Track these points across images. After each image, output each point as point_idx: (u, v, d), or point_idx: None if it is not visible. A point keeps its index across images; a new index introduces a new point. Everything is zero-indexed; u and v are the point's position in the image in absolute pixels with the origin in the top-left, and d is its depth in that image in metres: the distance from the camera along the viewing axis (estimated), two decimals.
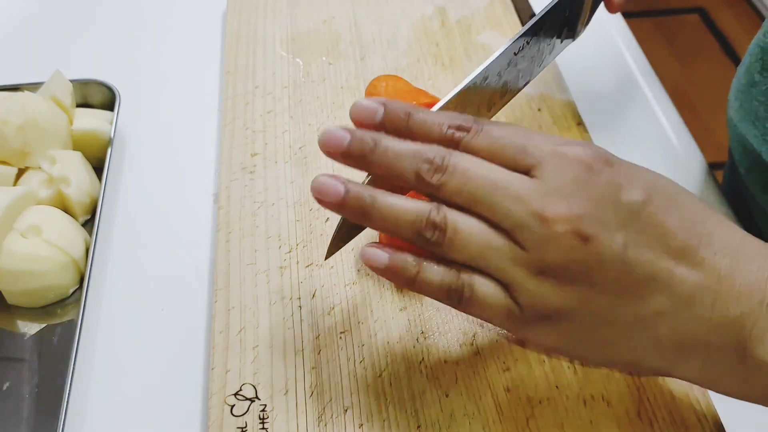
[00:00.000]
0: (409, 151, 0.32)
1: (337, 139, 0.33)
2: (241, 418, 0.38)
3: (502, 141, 0.32)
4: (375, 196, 0.33)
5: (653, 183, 0.32)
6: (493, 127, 0.33)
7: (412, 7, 0.64)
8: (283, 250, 0.45)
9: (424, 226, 0.32)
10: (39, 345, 0.43)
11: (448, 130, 0.33)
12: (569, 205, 0.30)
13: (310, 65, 0.58)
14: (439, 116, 0.34)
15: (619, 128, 0.56)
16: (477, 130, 0.33)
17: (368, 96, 0.52)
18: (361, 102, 0.34)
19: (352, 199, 0.33)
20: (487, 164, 0.32)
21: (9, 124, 0.48)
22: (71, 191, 0.48)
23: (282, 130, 0.53)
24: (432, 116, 0.34)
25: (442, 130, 0.33)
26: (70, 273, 0.45)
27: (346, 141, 0.33)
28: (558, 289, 0.31)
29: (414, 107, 0.34)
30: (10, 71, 0.61)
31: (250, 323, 0.41)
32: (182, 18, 0.67)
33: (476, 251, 0.31)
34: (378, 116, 0.34)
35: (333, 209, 0.34)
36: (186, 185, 0.52)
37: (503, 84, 0.43)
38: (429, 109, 0.35)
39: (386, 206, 0.32)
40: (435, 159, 0.32)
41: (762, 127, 0.46)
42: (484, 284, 0.32)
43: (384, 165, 0.33)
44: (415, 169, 0.32)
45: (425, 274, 0.32)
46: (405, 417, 0.38)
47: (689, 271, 0.31)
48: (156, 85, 0.60)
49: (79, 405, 0.41)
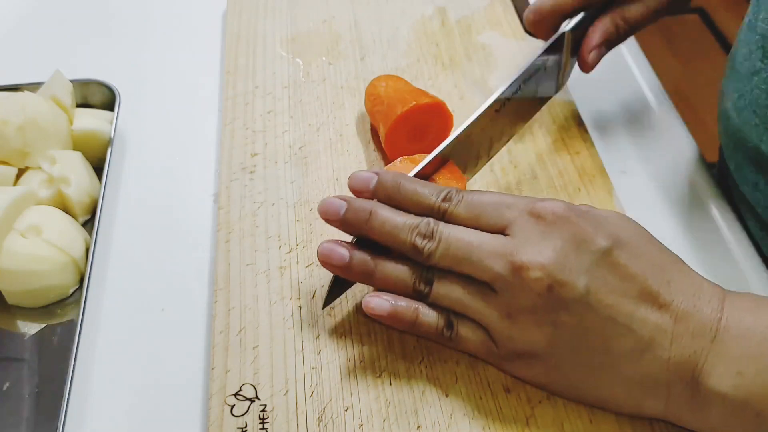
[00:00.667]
0: (404, 224, 0.37)
1: (335, 207, 0.38)
2: (241, 418, 0.38)
3: (480, 207, 0.37)
4: (376, 262, 0.38)
5: (619, 231, 0.35)
6: (473, 195, 0.38)
7: (412, 7, 0.64)
8: (283, 250, 0.45)
9: (418, 284, 0.38)
10: (39, 345, 0.43)
11: (435, 200, 0.38)
12: (538, 253, 0.34)
13: (310, 65, 0.58)
14: (427, 188, 0.39)
15: (619, 128, 0.56)
16: (458, 200, 0.38)
17: (368, 95, 0.52)
18: (357, 173, 0.39)
19: (356, 265, 0.38)
20: (467, 230, 0.37)
21: (9, 124, 0.48)
22: (71, 191, 0.48)
23: (282, 130, 0.53)
24: (420, 188, 0.39)
25: (430, 201, 0.38)
26: (70, 273, 0.45)
27: (342, 210, 0.38)
28: (527, 330, 0.35)
29: (404, 177, 0.39)
30: (10, 71, 0.61)
31: (250, 323, 0.41)
32: (182, 18, 0.67)
33: (457, 299, 0.37)
34: (371, 185, 0.39)
35: (338, 273, 0.39)
36: (186, 185, 0.52)
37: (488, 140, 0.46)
38: (419, 180, 0.40)
39: (386, 270, 0.38)
40: (426, 232, 0.37)
41: (763, 115, 0.46)
42: (467, 326, 0.37)
43: (380, 234, 0.38)
44: (410, 241, 0.37)
45: (422, 319, 0.38)
46: (405, 417, 0.38)
47: (650, 313, 0.34)
48: (156, 85, 0.60)
49: (79, 405, 0.41)
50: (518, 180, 0.50)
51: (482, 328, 0.37)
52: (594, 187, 0.49)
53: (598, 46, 0.48)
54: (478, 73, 0.58)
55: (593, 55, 0.48)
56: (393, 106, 0.48)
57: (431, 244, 0.37)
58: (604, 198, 0.48)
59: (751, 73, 0.45)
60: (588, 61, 0.48)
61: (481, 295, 0.36)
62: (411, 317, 0.38)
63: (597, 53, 0.48)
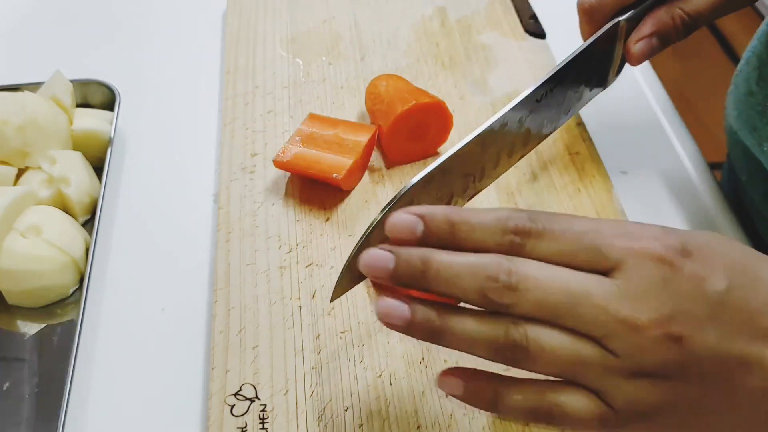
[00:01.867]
0: (467, 268, 0.30)
1: (382, 261, 0.31)
2: (241, 418, 0.38)
3: (572, 244, 0.30)
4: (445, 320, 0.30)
5: (731, 262, 0.31)
6: (555, 224, 0.30)
7: (412, 7, 0.64)
8: (283, 250, 0.45)
9: (503, 345, 0.30)
10: (39, 345, 0.43)
11: (504, 237, 0.30)
12: (657, 308, 0.29)
13: (310, 65, 0.58)
14: (488, 220, 0.30)
15: (619, 128, 0.56)
16: (539, 232, 0.30)
17: (368, 94, 0.52)
18: (397, 217, 0.31)
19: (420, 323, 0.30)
20: (560, 271, 0.30)
21: (9, 124, 0.48)
22: (71, 191, 0.48)
23: (282, 130, 0.53)
24: (481, 221, 0.31)
25: (498, 239, 0.30)
26: (70, 273, 0.45)
27: (391, 264, 0.31)
28: (654, 388, 0.30)
29: (455, 211, 0.31)
30: (10, 71, 0.61)
31: (250, 323, 0.41)
32: (182, 18, 0.67)
33: (565, 366, 0.30)
34: (418, 231, 0.31)
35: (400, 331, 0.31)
36: (186, 185, 0.52)
37: (525, 131, 0.41)
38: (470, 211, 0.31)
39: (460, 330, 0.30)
40: (500, 276, 0.29)
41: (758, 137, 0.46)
42: (574, 398, 0.30)
43: (441, 287, 0.30)
44: (478, 289, 0.29)
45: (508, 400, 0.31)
46: (405, 417, 0.38)
47: None
48: (156, 85, 0.60)
49: (79, 405, 0.41)
50: (518, 180, 0.50)
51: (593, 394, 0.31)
52: (594, 187, 0.49)
53: (647, 36, 0.43)
54: (478, 73, 0.58)
55: (641, 45, 0.43)
56: (393, 105, 0.48)
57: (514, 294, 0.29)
58: (604, 198, 0.48)
59: (747, 95, 0.45)
60: (634, 51, 0.43)
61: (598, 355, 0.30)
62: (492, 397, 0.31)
63: (646, 44, 0.43)
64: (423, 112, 0.48)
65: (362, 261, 0.31)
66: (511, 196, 0.48)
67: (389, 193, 0.49)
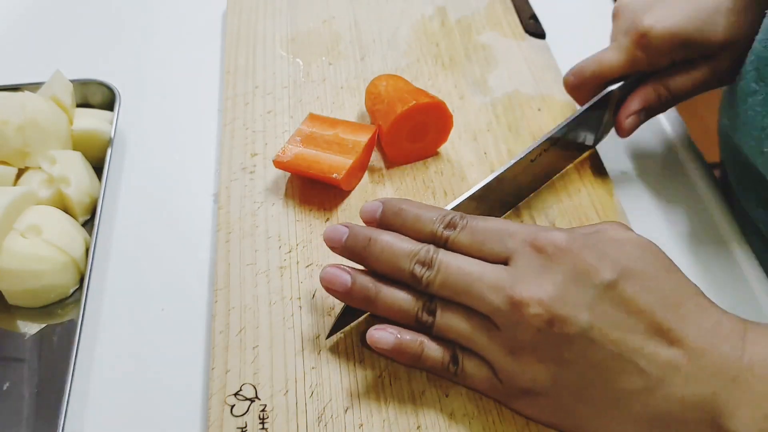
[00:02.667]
0: (404, 251, 0.37)
1: (338, 234, 0.38)
2: (241, 418, 0.38)
3: (482, 235, 0.36)
4: (378, 288, 0.37)
5: (630, 261, 0.33)
6: (477, 222, 0.37)
7: (412, 7, 0.64)
8: (283, 250, 0.45)
9: (419, 316, 0.37)
10: (39, 345, 0.43)
11: (438, 227, 0.37)
12: (537, 288, 0.33)
13: (310, 65, 0.58)
14: (430, 213, 0.38)
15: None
16: (462, 226, 0.37)
17: (368, 94, 0.52)
18: (367, 203, 0.39)
19: (358, 289, 0.37)
20: (468, 259, 0.36)
21: (9, 124, 0.48)
22: (71, 191, 0.48)
23: (282, 130, 0.53)
24: (424, 213, 0.38)
25: (432, 228, 0.37)
26: (70, 273, 0.45)
27: (344, 237, 0.38)
28: (530, 367, 0.34)
29: (407, 202, 0.39)
30: (10, 71, 0.61)
31: (250, 323, 0.41)
32: (182, 18, 0.67)
33: (461, 332, 0.36)
34: (378, 213, 0.39)
35: (340, 298, 0.39)
36: (186, 185, 0.52)
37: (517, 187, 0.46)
38: (420, 204, 0.39)
39: (389, 297, 0.37)
40: (424, 259, 0.36)
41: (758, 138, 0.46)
42: (472, 362, 0.37)
43: (379, 262, 0.37)
44: (409, 269, 0.36)
45: (427, 353, 0.37)
46: (405, 417, 0.38)
47: (661, 349, 0.32)
48: (156, 85, 0.60)
49: (79, 405, 0.41)
50: None
51: (488, 364, 0.36)
52: (594, 187, 0.49)
53: (636, 112, 0.47)
54: (478, 73, 0.58)
55: (630, 121, 0.47)
56: (393, 105, 0.48)
57: (430, 273, 0.36)
58: (604, 198, 0.48)
59: (746, 94, 0.45)
60: (624, 126, 0.47)
61: (485, 329, 0.35)
62: (416, 351, 0.37)
63: (634, 119, 0.47)
64: (423, 112, 0.48)
65: (324, 234, 0.39)
66: None
67: (389, 193, 0.49)
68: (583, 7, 0.69)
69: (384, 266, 0.37)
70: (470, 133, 0.53)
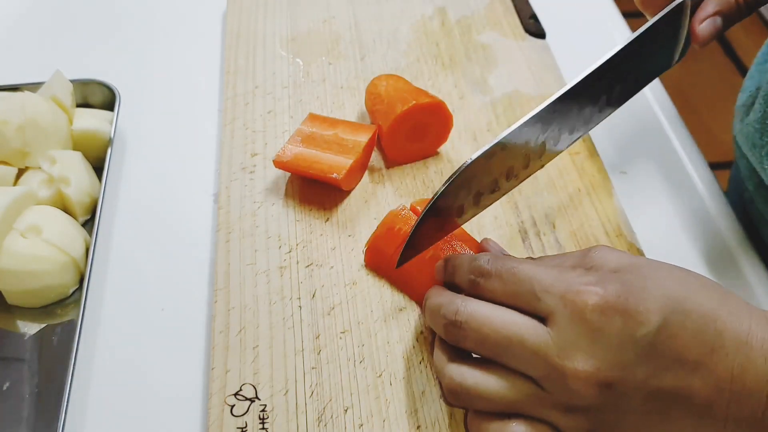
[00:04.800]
0: (434, 307, 0.37)
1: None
2: (241, 418, 0.38)
3: (513, 286, 0.35)
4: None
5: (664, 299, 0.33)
6: (506, 267, 0.36)
7: (412, 7, 0.64)
8: (283, 250, 0.45)
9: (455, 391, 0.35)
10: (39, 345, 0.43)
11: (470, 276, 0.37)
12: (587, 359, 0.32)
13: (310, 65, 0.58)
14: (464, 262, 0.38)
15: (619, 128, 0.56)
16: (490, 273, 0.36)
17: (369, 94, 0.52)
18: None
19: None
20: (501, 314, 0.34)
21: (9, 124, 0.48)
22: (71, 191, 0.48)
23: (282, 130, 0.53)
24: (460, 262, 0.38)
25: (467, 277, 0.37)
26: (70, 273, 0.45)
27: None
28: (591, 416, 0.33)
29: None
30: (10, 71, 0.61)
31: (250, 323, 0.41)
32: (182, 18, 0.67)
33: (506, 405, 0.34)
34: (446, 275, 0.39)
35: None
36: (186, 185, 0.52)
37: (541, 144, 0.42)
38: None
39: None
40: (449, 315, 0.36)
41: (758, 154, 0.46)
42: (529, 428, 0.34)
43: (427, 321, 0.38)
44: (441, 325, 0.36)
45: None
46: (405, 417, 0.38)
47: (706, 378, 0.32)
48: (156, 85, 0.60)
49: (79, 405, 0.41)
50: None
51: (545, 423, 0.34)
52: (594, 187, 0.49)
53: (711, 15, 0.42)
54: (478, 73, 0.58)
55: (705, 26, 0.42)
56: (393, 105, 0.48)
57: (460, 331, 0.35)
58: (604, 198, 0.48)
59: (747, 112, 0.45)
60: (698, 32, 0.42)
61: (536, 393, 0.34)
62: None
63: (711, 24, 0.42)
64: (423, 112, 0.48)
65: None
66: (511, 197, 0.48)
67: (389, 193, 0.49)
68: (583, 7, 0.69)
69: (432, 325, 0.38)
70: (470, 133, 0.53)
